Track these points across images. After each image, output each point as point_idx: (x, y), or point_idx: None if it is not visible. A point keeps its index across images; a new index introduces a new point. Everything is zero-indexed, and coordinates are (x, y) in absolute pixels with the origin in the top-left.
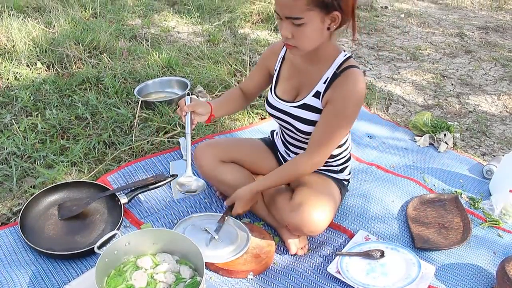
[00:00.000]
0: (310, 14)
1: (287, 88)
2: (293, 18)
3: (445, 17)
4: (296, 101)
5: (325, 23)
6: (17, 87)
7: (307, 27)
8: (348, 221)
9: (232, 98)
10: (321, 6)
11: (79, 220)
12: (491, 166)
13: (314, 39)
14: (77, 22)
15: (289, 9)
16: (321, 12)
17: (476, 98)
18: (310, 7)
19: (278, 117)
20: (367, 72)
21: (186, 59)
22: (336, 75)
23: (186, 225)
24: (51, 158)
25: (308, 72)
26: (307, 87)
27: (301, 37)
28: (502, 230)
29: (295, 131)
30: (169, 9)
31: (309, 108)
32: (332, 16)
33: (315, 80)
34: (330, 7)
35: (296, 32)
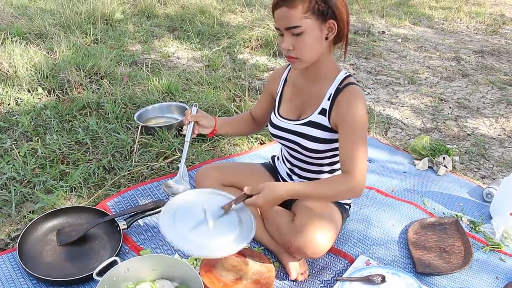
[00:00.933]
0: (307, 22)
1: (290, 108)
2: (292, 27)
3: (442, 41)
4: (301, 119)
5: (323, 32)
6: (18, 112)
7: (306, 36)
8: (348, 246)
9: (240, 120)
10: (317, 14)
11: (78, 246)
12: (491, 189)
13: (314, 48)
14: (78, 48)
15: (287, 20)
16: (318, 20)
17: (474, 121)
18: (307, 15)
19: (282, 136)
20: (365, 96)
21: (186, 84)
22: (338, 90)
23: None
24: (51, 183)
25: (310, 91)
26: (311, 105)
27: (301, 47)
28: (504, 254)
29: (300, 149)
30: (169, 35)
31: (316, 125)
32: (328, 24)
33: (319, 98)
34: (326, 15)
35: (297, 42)
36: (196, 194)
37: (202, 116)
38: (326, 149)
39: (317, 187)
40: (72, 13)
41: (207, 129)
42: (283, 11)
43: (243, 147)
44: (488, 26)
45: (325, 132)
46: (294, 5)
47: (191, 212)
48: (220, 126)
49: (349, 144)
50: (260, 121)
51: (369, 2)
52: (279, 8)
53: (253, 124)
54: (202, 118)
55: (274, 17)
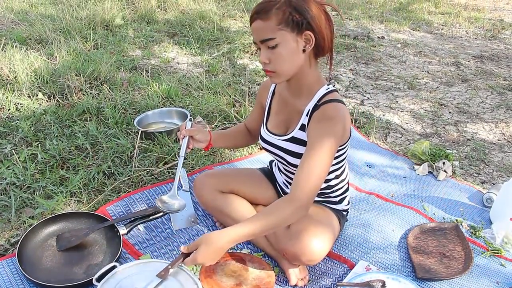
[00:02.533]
0: (282, 34)
1: (276, 122)
2: (267, 39)
3: (441, 46)
4: (286, 134)
5: (299, 44)
6: (18, 117)
7: (281, 48)
8: (348, 251)
9: (235, 133)
10: (291, 25)
11: (78, 251)
12: (490, 194)
13: (290, 61)
14: (79, 53)
15: (262, 32)
16: (293, 31)
17: (474, 126)
18: (281, 26)
19: (270, 150)
20: (365, 101)
21: (185, 89)
22: (316, 107)
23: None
24: (51, 188)
25: (294, 105)
26: (294, 121)
27: (277, 60)
28: (505, 259)
29: (286, 164)
30: (169, 40)
31: (298, 141)
32: (305, 36)
33: (300, 113)
34: (301, 26)
35: (272, 55)
36: (127, 271)
37: (197, 130)
38: None
39: (260, 223)
40: (72, 18)
41: (202, 143)
42: (258, 24)
43: (242, 152)
44: (487, 31)
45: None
46: (267, 17)
47: None
48: (215, 140)
49: (305, 162)
50: (255, 132)
51: (369, 7)
52: (254, 21)
53: (248, 136)
54: (197, 133)
55: (251, 29)
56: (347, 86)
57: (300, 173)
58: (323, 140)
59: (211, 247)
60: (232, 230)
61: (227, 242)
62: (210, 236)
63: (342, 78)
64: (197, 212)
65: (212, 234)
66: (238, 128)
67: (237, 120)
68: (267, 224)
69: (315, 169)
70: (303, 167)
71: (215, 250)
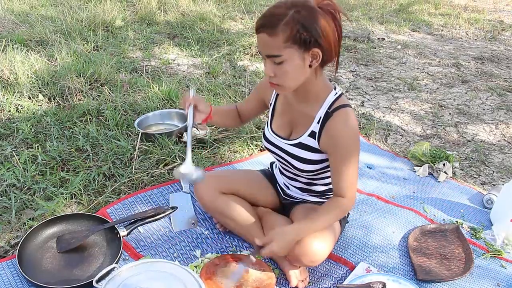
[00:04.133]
0: (288, 52)
1: (281, 124)
2: (273, 56)
3: (441, 48)
4: (292, 139)
5: (306, 61)
6: (19, 119)
7: (287, 65)
8: (348, 253)
9: (228, 112)
10: (299, 43)
11: (78, 253)
12: (491, 195)
13: (296, 77)
14: (79, 55)
15: (268, 48)
16: (300, 49)
17: (474, 128)
18: (288, 44)
19: (275, 152)
20: (365, 103)
21: (186, 91)
22: (328, 115)
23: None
24: (51, 190)
25: (300, 110)
26: (301, 126)
27: (282, 75)
28: (505, 260)
29: (292, 168)
30: (169, 42)
31: (305, 147)
32: (312, 53)
33: (309, 119)
34: (309, 44)
35: (278, 70)
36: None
37: (201, 100)
38: (318, 169)
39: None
40: (72, 20)
41: (203, 114)
42: (264, 37)
43: (243, 153)
44: (487, 32)
45: (315, 153)
46: (274, 33)
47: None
48: (214, 112)
49: (341, 171)
50: (245, 119)
51: (369, 9)
52: (260, 33)
53: (238, 119)
54: (200, 102)
55: (257, 40)
56: (347, 88)
57: (343, 181)
58: (350, 148)
59: (286, 238)
60: (300, 225)
61: (295, 235)
62: (284, 229)
63: (342, 80)
64: (197, 213)
65: (286, 227)
66: (231, 108)
67: None
68: (324, 223)
69: (353, 174)
70: (344, 175)
71: (289, 241)
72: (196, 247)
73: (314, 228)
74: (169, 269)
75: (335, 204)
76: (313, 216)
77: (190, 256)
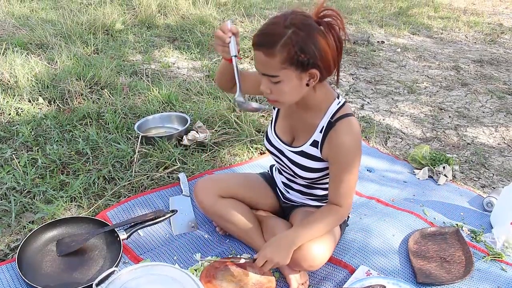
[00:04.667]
0: (285, 72)
1: (284, 128)
2: (269, 75)
3: (441, 50)
4: (294, 146)
5: (303, 80)
6: (19, 122)
7: (284, 84)
8: (348, 256)
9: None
10: (296, 64)
11: (78, 256)
12: (491, 198)
13: (293, 94)
14: (79, 58)
15: (264, 67)
16: (297, 70)
17: (474, 130)
18: (285, 65)
19: (276, 155)
20: (365, 106)
21: (186, 94)
22: (331, 124)
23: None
24: (51, 193)
25: (302, 117)
26: (303, 134)
27: (279, 94)
28: (506, 263)
29: (292, 174)
30: (169, 45)
31: (308, 156)
32: (310, 73)
33: (311, 128)
34: (306, 65)
35: (274, 88)
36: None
37: (238, 32)
38: (318, 176)
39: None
40: (73, 23)
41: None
42: (261, 56)
43: (243, 157)
44: (486, 35)
45: (317, 162)
46: (271, 54)
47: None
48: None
49: (340, 179)
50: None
51: (368, 12)
52: (257, 50)
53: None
54: (238, 33)
55: (254, 55)
56: (347, 91)
57: (341, 190)
58: (352, 158)
59: (282, 249)
60: (296, 233)
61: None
62: (278, 240)
63: (342, 83)
64: (197, 217)
65: (279, 237)
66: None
67: (237, 124)
68: (320, 231)
69: (352, 184)
70: (342, 184)
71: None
72: (196, 251)
73: (310, 236)
74: (169, 272)
75: (332, 212)
76: (308, 223)
77: (190, 260)
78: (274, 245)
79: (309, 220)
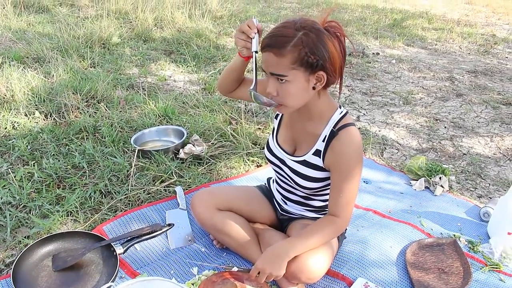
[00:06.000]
0: (294, 73)
1: (287, 137)
2: (278, 75)
3: (435, 62)
4: (296, 155)
5: (310, 83)
6: (15, 136)
7: (292, 85)
8: (346, 268)
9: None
10: (305, 65)
11: (74, 271)
12: (488, 208)
13: (299, 98)
14: (76, 72)
15: (274, 67)
16: (306, 71)
17: (470, 141)
18: (294, 66)
19: (277, 165)
20: (361, 117)
21: (182, 107)
22: (333, 133)
23: None
24: (47, 207)
25: (304, 127)
26: (306, 143)
27: (285, 95)
28: (504, 274)
29: (293, 183)
30: (165, 58)
31: (310, 165)
32: (317, 76)
33: (313, 137)
34: (315, 67)
35: (281, 89)
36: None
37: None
38: (319, 187)
39: (311, 240)
40: (69, 37)
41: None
42: (270, 57)
43: (239, 169)
44: (480, 46)
45: (319, 172)
46: (282, 54)
47: None
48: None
49: (340, 190)
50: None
51: (363, 24)
52: (266, 51)
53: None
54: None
55: (262, 57)
56: (343, 103)
57: (341, 200)
58: (354, 168)
59: (277, 260)
60: (292, 243)
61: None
62: (274, 250)
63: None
64: (194, 230)
65: (275, 247)
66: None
67: (234, 137)
68: (317, 242)
69: (352, 195)
70: (342, 194)
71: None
72: (193, 264)
73: (306, 247)
74: (166, 287)
75: (330, 223)
76: (305, 234)
77: (187, 274)
78: (268, 256)
79: (306, 231)
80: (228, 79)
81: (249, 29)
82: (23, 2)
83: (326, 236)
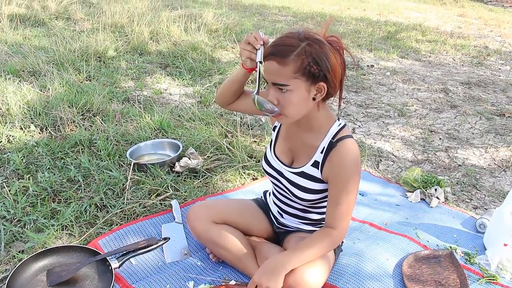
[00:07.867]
0: (295, 82)
1: (284, 149)
2: (279, 84)
3: (429, 73)
4: (294, 167)
5: (311, 93)
6: (10, 149)
7: (292, 95)
8: (343, 281)
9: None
10: (307, 75)
11: (69, 286)
12: (483, 219)
13: (299, 107)
14: (71, 85)
15: (276, 75)
16: (307, 81)
17: (465, 152)
18: (296, 75)
19: (275, 177)
20: (356, 130)
21: (178, 121)
22: (332, 145)
23: None
24: (42, 221)
25: (303, 138)
26: (304, 154)
27: (286, 104)
28: (501, 286)
29: (291, 195)
30: (161, 72)
31: (308, 176)
32: (318, 86)
33: (312, 149)
34: (317, 78)
35: (282, 98)
36: None
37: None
38: (317, 198)
39: (307, 253)
40: (65, 50)
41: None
42: (273, 65)
43: (235, 183)
44: (473, 58)
45: (317, 183)
46: (284, 62)
47: None
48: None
49: (337, 201)
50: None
51: (358, 36)
52: (269, 60)
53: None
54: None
55: (264, 66)
56: (338, 115)
57: (338, 213)
58: (352, 180)
59: (272, 273)
60: (288, 256)
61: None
62: (270, 263)
63: (333, 107)
64: (190, 244)
65: (271, 260)
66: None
67: (230, 151)
68: (313, 255)
69: (350, 207)
70: (340, 206)
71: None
72: (189, 278)
73: (302, 260)
74: None
75: (325, 236)
76: (302, 247)
77: None
78: (265, 269)
79: (302, 244)
80: (229, 91)
81: (255, 40)
82: (19, 15)
83: (323, 248)
